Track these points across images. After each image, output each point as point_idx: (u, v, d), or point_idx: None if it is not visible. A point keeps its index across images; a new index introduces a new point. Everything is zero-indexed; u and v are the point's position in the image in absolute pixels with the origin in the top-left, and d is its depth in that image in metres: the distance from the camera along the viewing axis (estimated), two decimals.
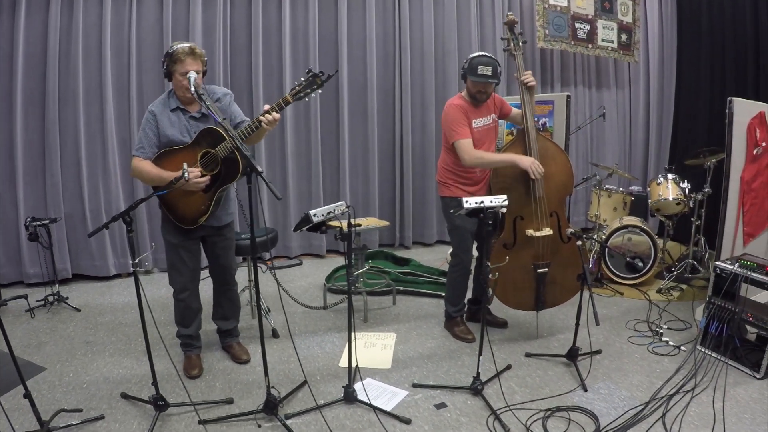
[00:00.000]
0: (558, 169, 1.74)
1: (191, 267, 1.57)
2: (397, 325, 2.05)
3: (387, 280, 2.33)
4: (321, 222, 1.33)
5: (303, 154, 2.98)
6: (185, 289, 1.58)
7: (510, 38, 1.74)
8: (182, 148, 1.43)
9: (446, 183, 1.82)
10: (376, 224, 2.21)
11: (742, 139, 1.91)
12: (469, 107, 1.72)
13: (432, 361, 1.74)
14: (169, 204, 1.51)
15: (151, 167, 1.44)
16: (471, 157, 1.67)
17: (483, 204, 1.39)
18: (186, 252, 1.55)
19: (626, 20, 3.41)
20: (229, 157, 1.37)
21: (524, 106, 1.70)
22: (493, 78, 1.66)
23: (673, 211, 2.56)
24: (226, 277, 1.67)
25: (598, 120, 3.14)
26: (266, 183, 1.17)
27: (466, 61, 1.71)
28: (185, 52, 1.38)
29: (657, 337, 1.88)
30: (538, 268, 1.75)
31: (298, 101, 1.32)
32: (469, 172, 1.77)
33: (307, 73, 1.29)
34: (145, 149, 1.45)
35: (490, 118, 1.78)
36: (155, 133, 1.44)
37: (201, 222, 1.48)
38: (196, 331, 1.66)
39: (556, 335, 1.92)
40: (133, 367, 1.68)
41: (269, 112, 1.32)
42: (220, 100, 1.49)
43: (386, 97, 3.09)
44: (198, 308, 1.65)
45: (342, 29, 2.90)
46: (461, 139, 1.68)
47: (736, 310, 1.61)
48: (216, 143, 1.38)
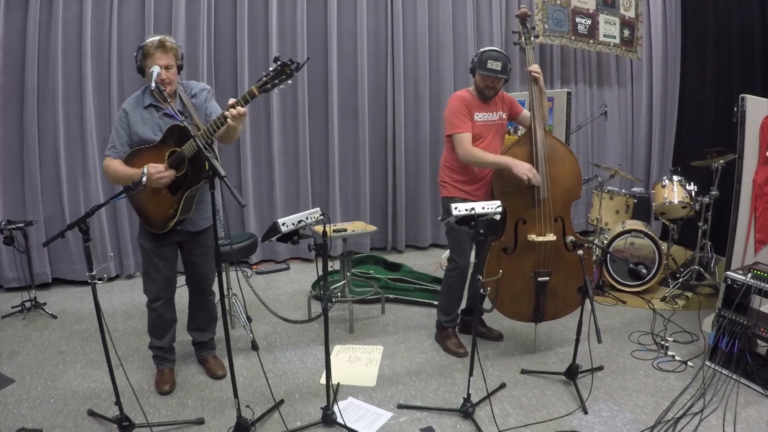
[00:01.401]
0: (566, 171, 1.63)
1: (165, 275, 1.48)
2: (385, 337, 1.93)
3: (375, 288, 2.20)
4: (293, 231, 1.20)
5: (290, 154, 2.86)
6: (158, 298, 1.49)
7: (521, 32, 1.65)
8: (150, 147, 1.35)
9: (444, 182, 1.72)
10: (364, 229, 2.08)
11: (755, 140, 1.80)
12: (473, 101, 1.64)
13: (420, 378, 1.62)
14: (137, 207, 1.43)
15: (120, 166, 1.36)
16: (466, 153, 1.58)
17: (474, 211, 1.26)
18: (160, 259, 1.45)
19: (629, 15, 3.29)
20: (196, 157, 1.29)
21: (532, 102, 1.60)
22: (502, 73, 1.58)
23: (678, 215, 2.44)
24: (202, 285, 1.57)
25: (600, 119, 3.02)
26: (230, 189, 1.08)
27: (476, 55, 1.63)
28: (154, 46, 1.30)
29: (662, 351, 1.76)
30: (538, 276, 1.63)
31: (265, 93, 1.20)
32: (467, 168, 1.66)
33: (275, 62, 1.17)
34: (117, 148, 1.37)
35: (497, 114, 1.67)
36: (127, 132, 1.37)
37: (170, 226, 1.38)
38: (170, 343, 1.56)
39: (554, 349, 1.80)
40: (103, 381, 1.58)
41: (234, 107, 1.21)
42: (197, 95, 1.41)
43: (378, 94, 2.96)
44: (172, 319, 1.55)
45: (332, 23, 2.78)
46: (459, 133, 1.58)
47: (747, 324, 1.49)
48: (183, 141, 1.28)
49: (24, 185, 2.39)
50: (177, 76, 1.36)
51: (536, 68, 1.60)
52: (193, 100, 1.39)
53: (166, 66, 1.30)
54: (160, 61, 1.29)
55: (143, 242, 1.46)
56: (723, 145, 2.42)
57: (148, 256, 1.46)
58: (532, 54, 1.63)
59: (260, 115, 2.78)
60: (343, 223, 2.20)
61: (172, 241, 1.46)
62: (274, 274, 2.77)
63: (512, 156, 1.59)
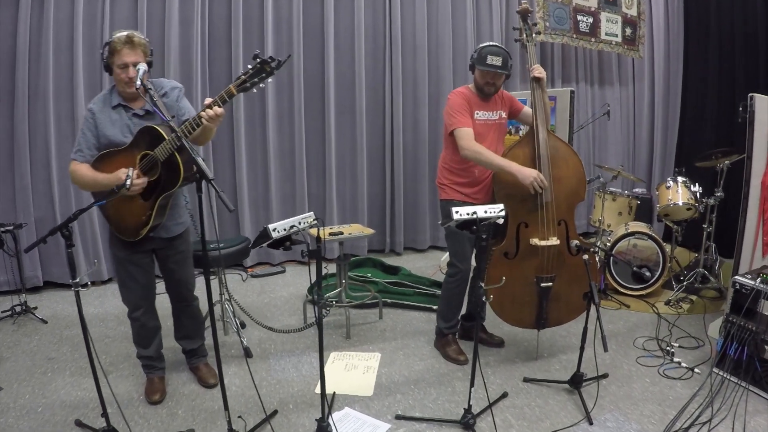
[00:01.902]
0: (570, 172, 1.57)
1: (142, 283, 1.41)
2: (383, 344, 1.88)
3: (372, 293, 2.14)
4: (285, 237, 1.14)
5: (287, 155, 2.80)
6: (138, 308, 1.43)
7: (523, 28, 1.59)
8: (120, 150, 1.28)
9: (443, 185, 1.65)
10: (361, 231, 2.02)
11: (764, 140, 1.75)
12: (473, 98, 1.58)
13: (419, 387, 1.57)
14: (107, 213, 1.35)
15: (89, 171, 1.28)
16: (470, 148, 1.50)
17: (476, 215, 1.21)
18: (135, 267, 1.39)
19: (631, 13, 3.24)
20: (170, 161, 1.22)
21: (534, 101, 1.54)
22: (503, 69, 1.52)
23: (682, 217, 2.39)
24: (183, 293, 1.51)
25: (602, 119, 2.96)
26: (217, 192, 1.02)
27: (475, 50, 1.57)
28: (121, 42, 1.23)
29: (668, 357, 1.71)
30: (541, 282, 1.57)
31: (244, 92, 1.13)
32: (467, 170, 1.59)
33: (254, 59, 1.11)
34: (83, 152, 1.29)
35: (497, 114, 1.62)
36: (94, 134, 1.29)
37: (143, 233, 1.31)
38: (157, 351, 1.51)
39: (557, 356, 1.75)
40: (92, 389, 1.47)
41: (210, 107, 1.15)
42: (167, 94, 1.33)
43: (376, 93, 2.90)
44: (156, 327, 1.49)
45: (328, 20, 2.72)
46: (461, 127, 1.52)
47: (757, 329, 1.44)
48: (155, 144, 1.21)
49: (14, 187, 2.34)
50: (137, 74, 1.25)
51: (539, 69, 1.54)
52: (164, 99, 1.32)
53: (134, 63, 1.23)
54: (128, 58, 1.22)
55: (116, 251, 1.39)
56: (726, 145, 2.38)
57: (122, 266, 1.39)
58: (534, 51, 1.57)
59: (255, 114, 2.73)
60: (339, 226, 2.14)
61: (146, 248, 1.39)
62: (269, 277, 2.71)
63: (514, 157, 1.53)
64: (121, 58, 1.23)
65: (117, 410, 1.34)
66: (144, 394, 1.48)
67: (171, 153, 1.19)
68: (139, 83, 1.17)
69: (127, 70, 1.23)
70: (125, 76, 1.23)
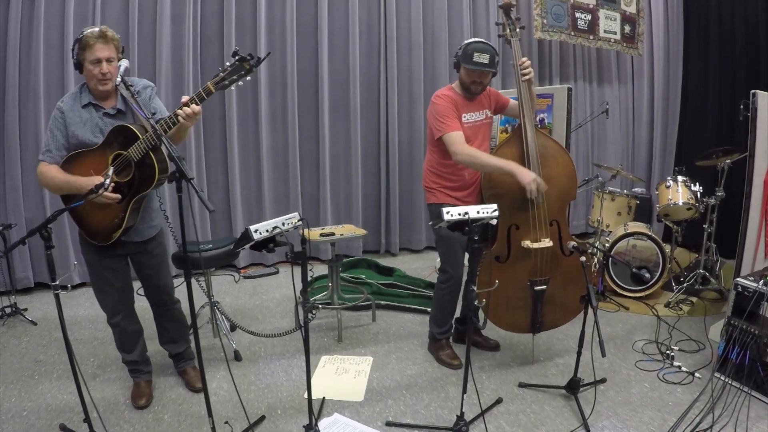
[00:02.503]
0: (560, 171, 1.52)
1: (118, 287, 1.37)
2: (375, 347, 1.84)
3: (365, 294, 2.10)
4: (268, 238, 1.09)
5: (280, 154, 2.75)
6: (117, 312, 1.39)
7: (506, 23, 1.52)
8: (91, 151, 1.23)
9: (431, 188, 1.60)
10: (353, 233, 1.98)
11: (766, 139, 1.70)
12: (460, 99, 1.51)
13: (411, 392, 1.53)
14: (78, 217, 1.29)
15: (58, 173, 1.23)
16: (463, 153, 1.45)
17: (468, 216, 1.16)
18: (109, 271, 1.34)
19: (630, 10, 3.20)
20: (144, 161, 1.18)
21: (521, 99, 1.48)
22: (490, 67, 1.45)
23: (683, 217, 2.35)
24: (162, 297, 1.46)
25: (600, 117, 2.92)
26: (197, 192, 0.99)
27: (459, 48, 1.50)
28: (94, 36, 1.18)
29: (668, 361, 1.66)
30: (535, 285, 1.52)
31: (222, 90, 1.11)
32: (457, 173, 1.54)
33: (233, 57, 1.08)
34: (53, 152, 1.23)
35: (483, 113, 1.56)
36: (63, 134, 1.23)
37: (115, 237, 1.26)
38: (141, 355, 1.47)
39: (554, 359, 1.71)
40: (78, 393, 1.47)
41: (188, 105, 1.12)
42: (140, 93, 1.28)
43: (370, 91, 2.86)
44: (136, 330, 1.45)
45: (322, 17, 2.68)
46: (451, 132, 1.46)
47: (759, 333, 1.40)
48: (129, 144, 1.17)
49: (5, 187, 2.30)
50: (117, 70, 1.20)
51: (527, 67, 1.47)
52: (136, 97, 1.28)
53: (108, 58, 1.18)
54: (101, 53, 1.17)
55: (89, 256, 1.34)
56: (726, 143, 2.33)
57: (96, 271, 1.34)
58: (518, 46, 1.50)
59: (248, 113, 2.68)
60: (332, 227, 2.10)
61: (120, 252, 1.34)
62: (262, 278, 2.67)
63: (502, 156, 1.48)
64: (94, 53, 1.17)
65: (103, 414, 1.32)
66: (130, 399, 1.45)
67: (145, 153, 1.15)
68: (119, 80, 1.13)
69: (100, 66, 1.18)
70: (98, 71, 1.18)
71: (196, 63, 2.56)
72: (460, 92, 1.53)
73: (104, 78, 1.19)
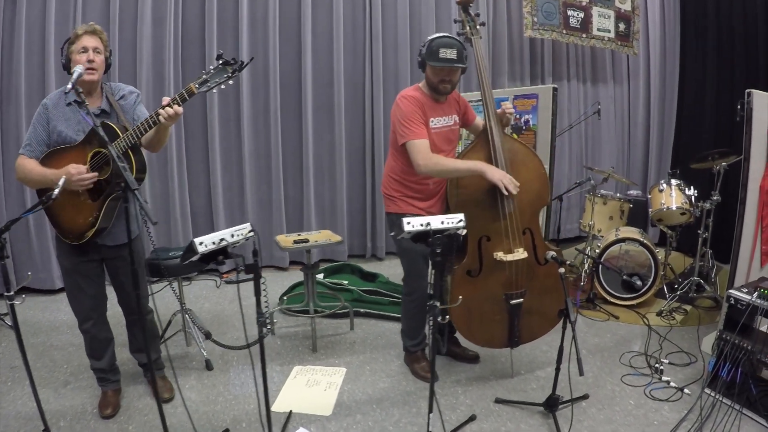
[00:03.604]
0: (530, 176, 1.43)
1: (90, 294, 1.36)
2: (351, 357, 1.77)
3: (342, 302, 2.03)
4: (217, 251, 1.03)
5: (262, 156, 2.69)
6: (88, 319, 1.37)
7: (465, 20, 1.42)
8: (71, 147, 1.24)
9: (392, 197, 1.49)
10: (328, 239, 1.90)
11: (762, 140, 1.61)
12: (427, 101, 1.41)
13: (382, 407, 1.45)
14: (52, 213, 1.29)
15: (36, 166, 1.23)
16: (427, 163, 1.35)
17: (430, 226, 1.08)
18: (82, 277, 1.33)
19: (624, 8, 3.10)
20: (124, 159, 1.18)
21: (485, 102, 1.39)
22: (458, 62, 1.34)
23: (677, 222, 2.26)
24: (134, 305, 1.41)
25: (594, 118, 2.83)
26: (139, 202, 0.97)
27: (423, 44, 1.39)
28: (83, 29, 1.23)
29: (656, 375, 1.58)
30: (511, 299, 1.44)
31: (204, 92, 1.12)
32: (421, 183, 1.44)
33: (217, 60, 1.10)
34: (33, 147, 1.24)
35: (452, 118, 1.46)
36: (45, 129, 1.25)
37: (88, 236, 1.25)
38: (110, 364, 1.45)
39: (535, 372, 1.62)
40: (49, 401, 1.48)
41: (170, 105, 1.12)
42: (125, 97, 1.32)
43: (355, 91, 2.79)
44: (108, 338, 1.43)
45: (306, 16, 2.61)
46: (415, 140, 1.36)
47: (752, 349, 1.31)
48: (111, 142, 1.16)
49: None
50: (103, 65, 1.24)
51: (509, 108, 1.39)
52: (121, 101, 1.30)
53: (95, 48, 1.21)
54: (89, 43, 1.21)
55: (63, 260, 1.33)
56: (725, 145, 2.24)
57: (70, 276, 1.34)
58: (481, 44, 1.41)
59: (230, 115, 2.63)
60: (307, 233, 2.03)
61: (94, 257, 1.33)
62: (244, 283, 2.61)
63: None
64: (81, 43, 1.21)
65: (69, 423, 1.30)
66: (97, 407, 1.42)
67: (124, 151, 1.16)
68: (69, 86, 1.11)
69: (87, 54, 1.21)
70: (85, 58, 1.20)
71: (177, 64, 2.51)
72: (428, 93, 1.43)
73: (90, 66, 1.20)
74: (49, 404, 1.45)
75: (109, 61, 1.28)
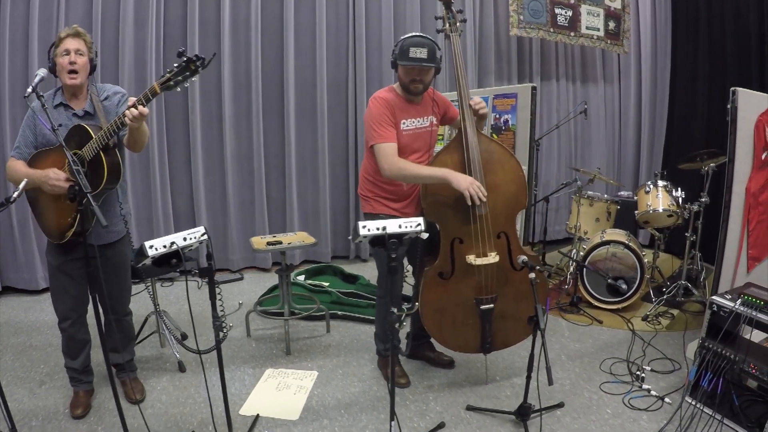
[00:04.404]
0: (507, 177, 1.38)
1: (73, 294, 1.37)
2: (324, 360, 1.73)
3: (318, 305, 1.99)
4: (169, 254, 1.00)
5: (244, 158, 2.67)
6: (67, 318, 1.39)
7: (446, 17, 1.39)
8: (53, 149, 1.27)
9: (367, 197, 1.47)
10: (302, 241, 1.87)
11: (749, 141, 1.55)
12: (399, 103, 1.38)
13: (350, 412, 1.41)
14: (37, 212, 1.35)
15: (22, 167, 1.28)
16: (391, 167, 1.33)
17: (386, 230, 1.04)
18: (66, 276, 1.35)
19: (614, 6, 3.06)
20: (95, 161, 1.22)
21: (461, 101, 1.35)
22: (429, 62, 1.30)
23: (664, 224, 2.20)
24: (115, 306, 1.44)
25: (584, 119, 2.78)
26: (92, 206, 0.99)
27: (396, 44, 1.37)
28: (66, 32, 1.26)
29: (637, 383, 1.52)
30: (481, 304, 1.39)
31: (167, 91, 1.10)
32: (394, 184, 1.42)
33: (180, 57, 1.09)
34: (21, 149, 1.30)
35: (427, 120, 1.42)
36: (33, 132, 1.29)
37: (68, 236, 1.27)
38: (83, 365, 1.46)
39: (511, 379, 1.57)
40: (23, 401, 1.48)
41: (134, 106, 1.12)
42: (109, 98, 1.33)
43: (338, 93, 2.76)
44: (84, 340, 1.44)
45: (288, 16, 2.59)
46: (382, 143, 1.33)
47: (735, 358, 1.25)
48: (84, 143, 1.20)
49: None
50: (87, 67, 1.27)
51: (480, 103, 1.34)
52: (105, 102, 1.32)
53: (77, 50, 1.23)
54: (71, 45, 1.23)
55: (50, 257, 1.36)
56: (717, 145, 2.17)
57: (54, 275, 1.37)
58: (459, 42, 1.37)
59: (212, 116, 2.61)
60: (282, 235, 2.00)
61: (78, 256, 1.33)
62: (226, 285, 2.58)
63: (441, 165, 1.34)
64: (64, 45, 1.24)
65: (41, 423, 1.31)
66: (69, 407, 1.42)
67: (96, 152, 1.18)
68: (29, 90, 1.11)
69: (69, 56, 1.23)
70: (66, 61, 1.22)
71: (159, 65, 2.50)
72: (401, 94, 1.40)
73: (72, 68, 1.22)
74: (23, 404, 1.45)
75: (94, 63, 1.29)
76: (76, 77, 1.22)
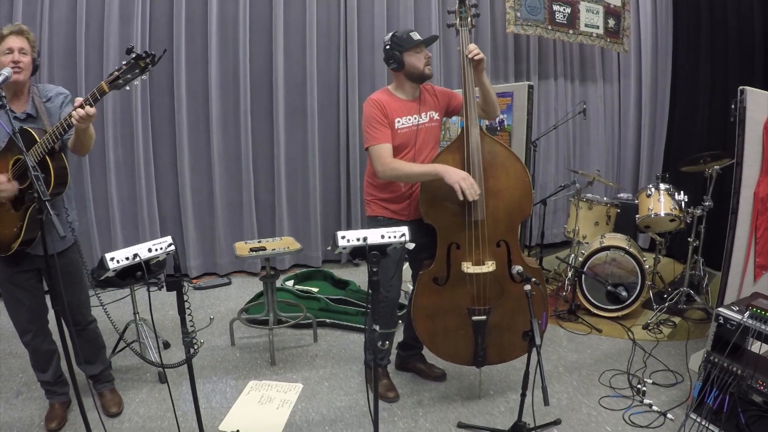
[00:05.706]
0: (511, 183, 1.29)
1: (28, 305, 1.31)
2: (310, 372, 1.65)
3: (304, 313, 1.91)
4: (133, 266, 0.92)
5: (232, 159, 2.59)
6: (27, 332, 1.33)
7: (458, 11, 1.33)
8: None
9: (367, 200, 1.44)
10: (287, 247, 1.79)
11: (757, 143, 1.46)
12: (393, 102, 1.33)
13: (334, 428, 1.34)
14: None
15: None
16: (384, 168, 1.28)
17: (366, 241, 0.97)
18: (19, 289, 1.29)
19: (614, 3, 2.98)
20: (43, 166, 1.14)
21: (465, 95, 1.28)
22: (431, 36, 1.36)
23: (666, 229, 2.12)
24: (75, 316, 1.37)
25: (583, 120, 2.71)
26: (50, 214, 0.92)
27: (386, 45, 1.32)
28: (8, 29, 1.20)
29: (638, 397, 1.44)
30: (473, 315, 1.31)
31: (116, 90, 1.05)
32: (391, 185, 1.36)
33: (128, 54, 1.04)
34: None
35: (426, 116, 1.36)
36: None
37: (14, 248, 1.19)
38: (55, 376, 1.40)
39: (505, 394, 1.49)
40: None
41: (81, 106, 1.07)
42: (52, 99, 1.28)
43: (329, 92, 2.68)
44: (50, 350, 1.38)
45: (277, 14, 2.52)
46: (376, 144, 1.29)
47: (742, 374, 1.17)
48: (28, 148, 1.11)
49: None
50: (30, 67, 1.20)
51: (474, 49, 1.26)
52: (48, 104, 1.26)
53: (20, 49, 1.18)
54: (14, 43, 1.17)
55: None
56: (719, 147, 2.11)
57: (5, 288, 1.30)
58: (467, 37, 1.31)
59: (199, 116, 2.53)
60: (266, 240, 1.92)
61: (29, 267, 1.27)
62: (213, 289, 2.51)
63: (441, 163, 1.28)
64: (7, 44, 1.19)
65: None
66: (44, 420, 1.36)
67: (42, 157, 1.12)
68: None
69: (12, 55, 1.18)
70: (10, 59, 1.17)
71: None
72: (395, 93, 1.36)
73: (16, 66, 1.17)
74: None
75: (37, 63, 1.24)
76: (20, 72, 1.17)
